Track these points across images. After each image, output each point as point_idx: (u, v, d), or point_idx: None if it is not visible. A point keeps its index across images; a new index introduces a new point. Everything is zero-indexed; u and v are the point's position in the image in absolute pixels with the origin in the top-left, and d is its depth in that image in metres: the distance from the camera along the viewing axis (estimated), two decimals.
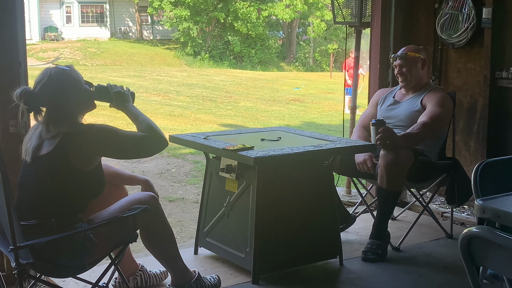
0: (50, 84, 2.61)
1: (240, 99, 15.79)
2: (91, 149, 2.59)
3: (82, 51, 27.73)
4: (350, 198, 5.09)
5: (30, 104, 2.61)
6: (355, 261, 3.62)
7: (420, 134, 3.70)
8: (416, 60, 3.92)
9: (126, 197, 2.87)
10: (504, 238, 1.79)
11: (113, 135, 2.64)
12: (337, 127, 11.06)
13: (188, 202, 5.98)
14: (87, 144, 2.57)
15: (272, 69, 29.21)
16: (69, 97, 2.63)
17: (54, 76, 2.63)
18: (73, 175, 2.57)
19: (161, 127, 9.44)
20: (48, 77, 2.62)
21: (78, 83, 2.66)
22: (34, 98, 2.61)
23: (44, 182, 2.58)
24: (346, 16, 4.97)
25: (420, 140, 3.75)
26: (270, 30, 32.57)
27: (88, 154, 2.59)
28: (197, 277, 3.06)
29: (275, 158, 3.17)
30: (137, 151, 2.74)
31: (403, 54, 3.92)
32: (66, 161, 2.54)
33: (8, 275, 3.13)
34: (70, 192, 2.59)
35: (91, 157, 2.61)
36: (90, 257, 2.61)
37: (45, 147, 2.59)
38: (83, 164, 2.58)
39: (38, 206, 2.58)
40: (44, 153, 2.58)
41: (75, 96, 2.64)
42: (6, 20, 3.07)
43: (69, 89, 2.63)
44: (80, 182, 2.60)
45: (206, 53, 29.77)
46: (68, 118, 2.62)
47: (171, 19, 30.22)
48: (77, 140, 2.56)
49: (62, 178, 2.57)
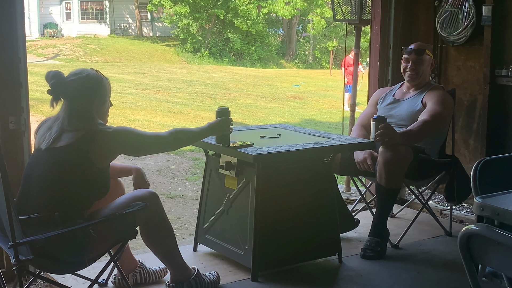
0: (85, 81, 2.69)
1: (239, 96, 15.79)
2: (115, 148, 2.67)
3: (82, 47, 27.69)
4: (349, 195, 5.09)
5: (55, 88, 2.65)
6: (354, 258, 3.63)
7: (420, 131, 3.70)
8: (429, 59, 3.95)
9: (126, 194, 2.88)
10: (503, 235, 1.80)
11: (136, 136, 2.75)
12: (336, 125, 11.06)
13: (187, 199, 5.99)
14: (113, 143, 2.64)
15: (272, 66, 29.19)
16: (94, 100, 2.70)
17: (92, 76, 2.72)
18: (90, 170, 2.60)
19: (161, 124, 9.42)
20: (87, 74, 2.70)
21: (107, 93, 2.77)
22: (63, 85, 2.66)
23: (56, 173, 2.59)
24: (346, 14, 4.97)
25: (421, 137, 3.75)
26: (269, 27, 32.55)
27: (110, 152, 2.66)
28: (196, 274, 3.07)
29: (274, 155, 3.17)
30: (154, 150, 2.96)
31: (419, 49, 3.93)
32: (87, 155, 2.58)
33: (7, 272, 3.13)
34: (80, 187, 2.61)
35: (111, 155, 2.69)
36: (89, 254, 2.61)
37: (64, 139, 2.61)
38: (101, 161, 2.63)
39: (44, 198, 2.58)
40: (62, 144, 2.60)
41: (99, 103, 2.73)
42: (6, 16, 3.07)
43: (97, 94, 2.72)
44: (93, 178, 2.63)
45: (206, 50, 29.74)
46: (88, 117, 2.67)
47: (170, 16, 30.20)
48: (102, 137, 2.61)
49: (79, 171, 2.59)
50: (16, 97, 3.13)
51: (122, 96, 13.78)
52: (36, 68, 17.05)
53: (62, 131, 2.63)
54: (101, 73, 2.77)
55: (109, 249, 2.72)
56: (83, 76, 2.69)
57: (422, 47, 3.95)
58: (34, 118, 8.02)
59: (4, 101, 3.10)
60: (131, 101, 13.46)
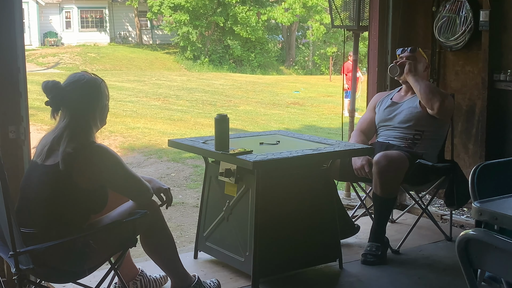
0: (85, 87, 2.64)
1: (239, 103, 15.81)
2: (96, 164, 2.58)
3: (82, 56, 27.75)
4: (349, 201, 5.10)
5: (56, 101, 2.60)
6: (355, 264, 3.62)
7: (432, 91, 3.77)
8: (422, 59, 3.98)
9: (126, 203, 2.86)
10: (501, 240, 1.80)
11: (118, 162, 2.64)
12: (336, 130, 11.07)
13: (188, 207, 5.99)
14: (94, 159, 2.57)
15: (272, 73, 29.23)
16: (97, 107, 2.67)
17: (90, 81, 2.66)
18: (77, 191, 2.56)
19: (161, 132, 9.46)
20: (85, 80, 2.65)
21: (107, 97, 2.72)
22: (63, 96, 2.60)
23: (47, 193, 2.57)
24: (344, 20, 4.99)
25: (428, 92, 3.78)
26: (269, 34, 32.61)
27: (92, 169, 2.58)
28: (197, 281, 3.07)
29: (274, 162, 3.18)
30: (128, 192, 2.75)
31: (413, 48, 3.99)
32: (70, 178, 2.53)
33: (8, 281, 3.13)
34: (73, 207, 2.59)
35: (94, 175, 2.59)
36: (90, 263, 2.61)
37: (53, 157, 2.58)
38: (86, 182, 2.58)
39: (38, 216, 2.58)
40: (50, 163, 2.57)
41: (101, 108, 2.69)
42: (4, 25, 3.07)
43: (98, 99, 2.67)
44: (81, 199, 2.59)
45: (206, 57, 29.79)
46: (84, 129, 2.62)
47: (170, 23, 30.26)
48: (85, 153, 2.55)
49: (67, 193, 2.56)
50: (16, 107, 3.13)
51: (123, 104, 13.80)
52: (36, 77, 17.08)
53: (53, 147, 2.59)
54: (97, 76, 2.73)
55: (110, 257, 2.72)
56: (81, 83, 2.64)
57: (415, 47, 4.02)
58: (34, 127, 8.04)
59: (3, 111, 3.10)
60: (131, 109, 13.48)
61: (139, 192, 2.74)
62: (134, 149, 9.10)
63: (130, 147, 9.20)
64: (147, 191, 2.75)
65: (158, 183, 2.91)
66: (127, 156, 8.59)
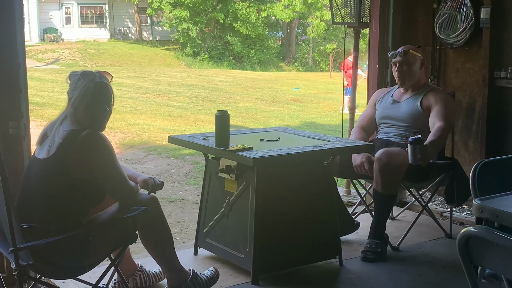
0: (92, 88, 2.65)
1: (239, 99, 15.80)
2: (89, 150, 2.59)
3: (82, 52, 27.71)
4: (349, 198, 5.10)
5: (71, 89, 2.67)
6: (355, 261, 3.63)
7: (442, 138, 3.75)
8: (416, 59, 3.93)
9: None
10: (501, 237, 1.80)
11: (109, 160, 2.64)
12: (336, 127, 11.07)
13: (187, 203, 5.99)
14: (83, 154, 2.57)
15: (272, 70, 29.21)
16: (103, 108, 2.68)
17: (98, 83, 2.67)
18: (73, 183, 2.58)
19: (161, 128, 9.47)
20: (95, 84, 2.65)
21: (113, 99, 2.73)
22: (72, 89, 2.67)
23: (45, 187, 2.59)
24: (344, 16, 4.97)
25: (443, 143, 3.85)
26: (269, 30, 32.55)
27: (86, 155, 2.59)
28: (192, 275, 3.06)
29: (274, 159, 3.18)
30: (112, 190, 2.73)
31: (403, 51, 3.92)
32: (64, 168, 2.55)
33: (8, 277, 3.13)
34: (70, 200, 2.60)
35: (88, 163, 2.60)
36: (89, 259, 2.62)
37: (51, 149, 2.59)
38: (80, 173, 2.58)
39: (38, 211, 2.59)
40: (46, 156, 2.59)
41: (108, 109, 2.70)
42: (5, 22, 3.07)
43: (106, 102, 2.69)
44: (78, 191, 2.60)
45: (206, 54, 29.76)
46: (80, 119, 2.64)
47: (170, 20, 30.21)
48: (75, 148, 2.56)
49: (64, 185, 2.57)
50: (16, 102, 3.13)
51: (122, 100, 13.78)
52: (36, 73, 17.08)
53: (52, 140, 2.61)
54: (107, 80, 2.74)
55: (109, 253, 2.72)
56: (86, 83, 2.65)
57: (405, 48, 3.95)
58: (34, 123, 8.03)
59: (3, 106, 3.10)
60: (131, 105, 13.47)
61: (120, 188, 2.71)
62: (134, 145, 9.10)
63: (130, 144, 9.20)
64: (130, 190, 2.74)
65: (141, 176, 2.91)
66: (127, 153, 8.59)
